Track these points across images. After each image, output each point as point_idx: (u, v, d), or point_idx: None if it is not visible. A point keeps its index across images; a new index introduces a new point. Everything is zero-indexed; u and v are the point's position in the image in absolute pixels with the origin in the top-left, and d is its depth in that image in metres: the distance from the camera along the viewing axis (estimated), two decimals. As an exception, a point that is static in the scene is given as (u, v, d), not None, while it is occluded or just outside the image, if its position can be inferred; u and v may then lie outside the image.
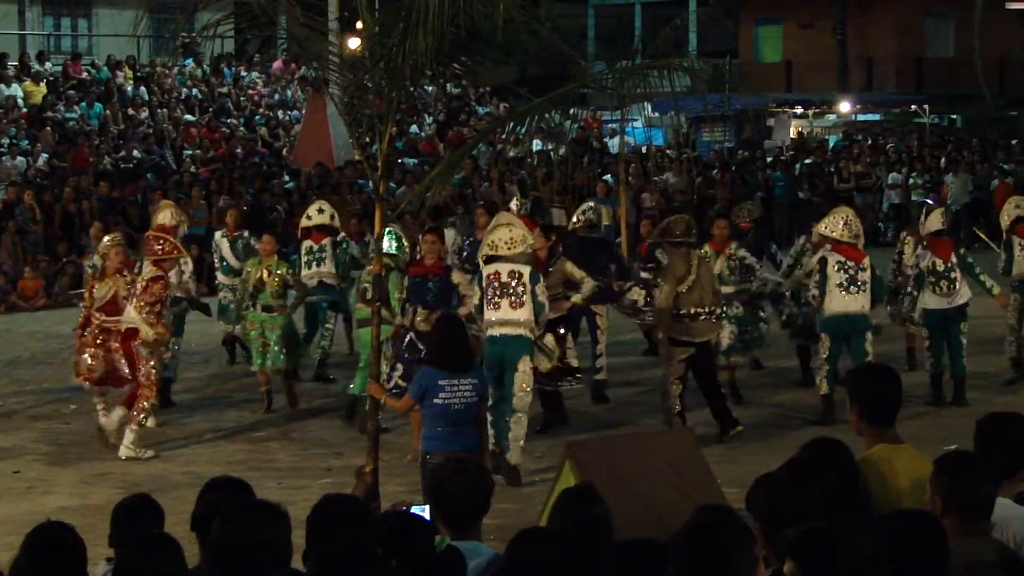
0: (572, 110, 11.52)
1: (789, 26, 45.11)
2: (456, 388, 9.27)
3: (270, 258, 14.54)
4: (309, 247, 15.95)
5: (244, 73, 34.91)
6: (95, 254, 14.79)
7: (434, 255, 12.43)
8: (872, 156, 34.80)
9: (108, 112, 30.41)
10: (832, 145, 38.10)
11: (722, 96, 32.10)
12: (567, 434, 12.41)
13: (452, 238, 16.19)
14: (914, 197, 29.71)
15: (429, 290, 12.44)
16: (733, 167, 33.17)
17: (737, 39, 45.69)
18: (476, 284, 11.95)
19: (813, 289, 13.66)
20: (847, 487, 5.01)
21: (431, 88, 32.96)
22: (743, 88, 40.50)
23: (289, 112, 33.79)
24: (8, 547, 4.88)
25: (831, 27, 43.85)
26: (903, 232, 16.54)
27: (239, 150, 30.75)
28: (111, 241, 13.82)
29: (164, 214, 14.11)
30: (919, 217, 15.53)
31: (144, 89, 31.88)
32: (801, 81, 43.62)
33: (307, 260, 15.91)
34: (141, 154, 29.13)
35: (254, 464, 12.29)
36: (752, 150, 35.97)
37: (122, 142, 29.54)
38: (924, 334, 14.76)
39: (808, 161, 34.84)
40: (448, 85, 34.54)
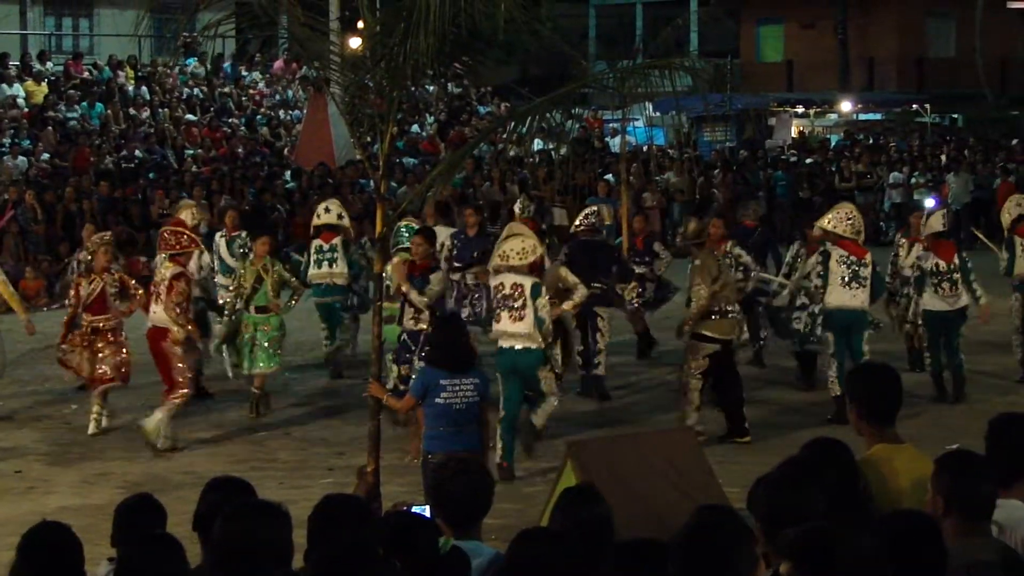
0: (573, 110, 11.54)
1: (790, 26, 45.12)
2: (458, 388, 9.30)
3: (262, 259, 14.37)
4: (319, 246, 15.92)
5: (245, 73, 34.91)
6: (83, 251, 14.79)
7: (422, 255, 12.52)
8: (873, 156, 34.78)
9: (109, 112, 30.41)
10: (833, 145, 38.09)
11: (723, 96, 32.10)
12: (568, 434, 12.43)
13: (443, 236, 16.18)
14: (916, 196, 29.73)
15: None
16: (734, 167, 33.17)
17: (738, 39, 45.70)
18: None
19: (816, 280, 13.71)
20: (847, 487, 5.01)
21: (432, 88, 32.97)
22: (744, 88, 40.51)
23: (290, 112, 33.79)
24: (9, 547, 4.87)
25: (832, 27, 43.84)
26: (898, 234, 16.58)
27: (240, 150, 30.75)
28: (99, 239, 13.82)
29: (185, 213, 14.27)
30: (912, 220, 15.66)
31: (145, 89, 31.88)
32: (802, 81, 43.61)
33: (317, 260, 15.87)
34: (142, 154, 29.12)
35: (256, 464, 12.31)
36: (753, 150, 35.97)
37: (123, 142, 29.54)
38: (922, 332, 14.82)
39: (809, 161, 34.86)
40: (449, 85, 34.57)
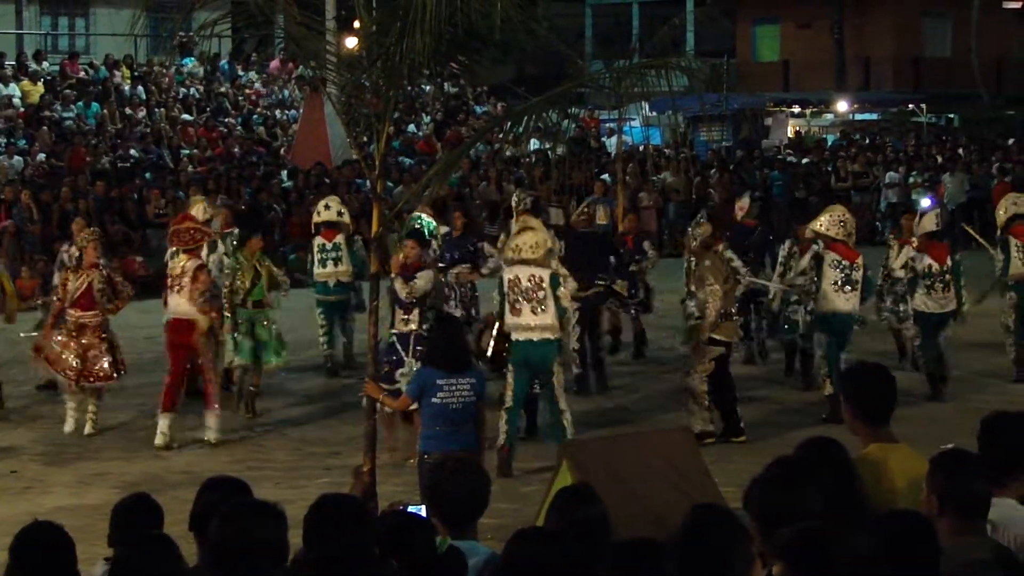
0: (570, 109, 11.54)
1: (787, 26, 45.13)
2: (454, 387, 9.30)
3: (255, 255, 14.29)
4: (321, 244, 15.88)
5: (241, 72, 34.89)
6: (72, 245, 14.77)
7: (412, 257, 12.54)
8: (869, 156, 34.81)
9: (105, 111, 30.38)
10: (830, 144, 38.11)
11: (720, 96, 32.09)
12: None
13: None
14: (912, 196, 29.75)
15: None
16: (731, 167, 33.17)
17: (734, 39, 45.74)
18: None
19: (809, 284, 13.75)
20: (843, 486, 5.01)
21: (429, 87, 33.02)
22: (741, 88, 40.49)
23: (287, 111, 33.76)
24: (5, 548, 4.87)
25: (828, 27, 43.86)
26: (890, 235, 16.65)
27: (236, 149, 30.71)
28: (89, 235, 13.81)
29: (197, 208, 14.35)
30: (903, 222, 15.71)
31: (141, 88, 31.84)
32: (799, 81, 43.62)
33: (320, 258, 15.83)
34: (138, 153, 29.09)
35: (252, 464, 12.30)
36: (749, 149, 35.97)
37: (119, 141, 29.50)
38: (913, 332, 14.91)
39: (805, 160, 34.86)
40: (446, 84, 34.57)
